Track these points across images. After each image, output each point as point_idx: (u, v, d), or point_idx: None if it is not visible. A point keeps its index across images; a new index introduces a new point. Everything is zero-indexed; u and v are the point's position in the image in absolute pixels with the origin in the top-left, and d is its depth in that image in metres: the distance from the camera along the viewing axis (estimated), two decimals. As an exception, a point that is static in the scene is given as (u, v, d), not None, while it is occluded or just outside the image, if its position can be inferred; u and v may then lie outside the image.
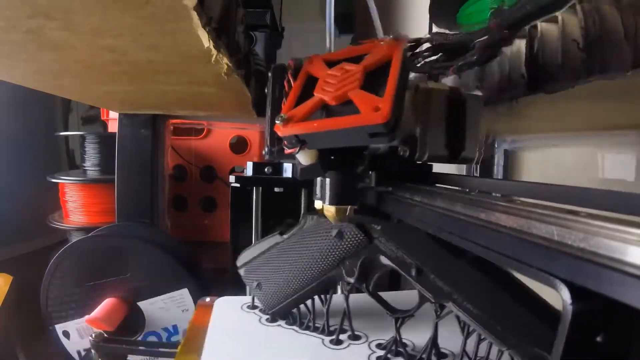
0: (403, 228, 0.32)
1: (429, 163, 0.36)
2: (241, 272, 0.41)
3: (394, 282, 0.54)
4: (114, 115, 0.85)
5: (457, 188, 0.32)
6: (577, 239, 0.16)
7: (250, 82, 0.51)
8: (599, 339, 0.17)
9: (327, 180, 0.33)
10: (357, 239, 0.34)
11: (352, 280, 0.35)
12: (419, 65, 0.35)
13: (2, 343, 0.74)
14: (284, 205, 0.59)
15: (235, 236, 0.61)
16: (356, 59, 0.29)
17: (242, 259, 0.42)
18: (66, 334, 0.68)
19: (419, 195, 0.29)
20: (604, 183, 0.48)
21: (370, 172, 0.35)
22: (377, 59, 0.28)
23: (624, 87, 0.29)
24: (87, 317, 0.62)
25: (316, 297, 0.39)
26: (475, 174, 0.65)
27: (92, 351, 0.55)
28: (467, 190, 0.32)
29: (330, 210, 0.33)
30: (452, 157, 0.33)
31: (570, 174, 0.53)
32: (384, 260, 0.33)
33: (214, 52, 0.32)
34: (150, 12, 0.26)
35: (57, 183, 0.86)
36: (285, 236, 0.39)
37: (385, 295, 0.36)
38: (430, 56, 0.35)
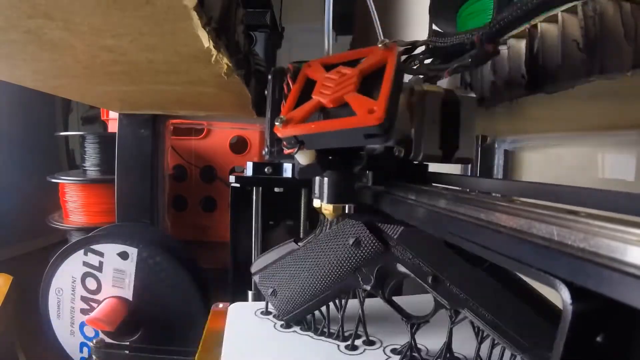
0: (419, 235, 0.32)
1: (424, 163, 0.36)
2: (256, 278, 0.42)
3: (398, 286, 0.54)
4: (114, 115, 0.85)
5: (454, 187, 0.33)
6: (577, 239, 0.16)
7: (250, 82, 0.51)
8: (599, 339, 0.17)
9: (325, 179, 0.34)
10: (374, 247, 0.34)
11: (368, 287, 0.35)
12: (415, 67, 0.35)
13: (2, 343, 0.74)
14: (284, 205, 0.59)
15: (235, 236, 0.61)
16: (353, 63, 0.30)
17: (256, 266, 0.42)
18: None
19: (415, 195, 0.30)
20: (604, 183, 0.48)
21: (367, 172, 0.35)
22: (372, 62, 0.29)
23: (624, 87, 0.29)
24: (87, 317, 0.62)
25: (331, 303, 0.39)
26: (475, 175, 0.65)
27: (93, 357, 0.55)
28: (467, 190, 0.32)
29: (328, 208, 0.34)
30: (446, 157, 0.34)
31: (570, 174, 0.53)
32: (400, 268, 0.33)
33: (214, 52, 0.32)
34: (150, 12, 0.26)
35: (57, 183, 0.86)
36: (300, 244, 0.39)
37: (399, 300, 0.36)
38: (426, 58, 0.35)
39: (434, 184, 0.36)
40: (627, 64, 0.28)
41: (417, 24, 0.92)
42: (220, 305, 0.46)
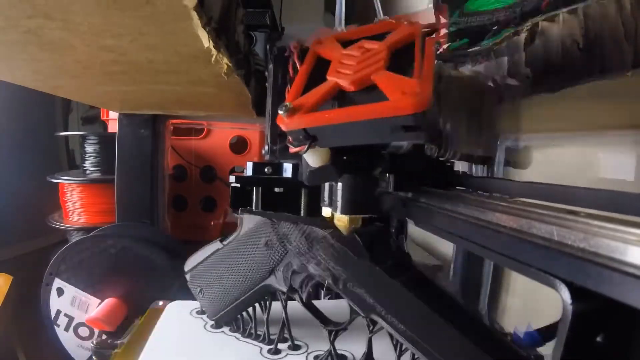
0: (336, 238, 0.30)
1: (447, 163, 0.32)
2: (187, 277, 0.41)
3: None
4: (114, 115, 0.85)
5: (488, 193, 0.29)
6: (577, 239, 0.16)
7: (250, 82, 0.51)
8: (599, 339, 0.17)
9: (339, 184, 0.28)
10: (283, 249, 0.33)
11: (284, 289, 0.33)
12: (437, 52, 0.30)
13: (2, 343, 0.74)
14: (284, 205, 0.59)
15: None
16: (378, 38, 0.24)
17: (188, 264, 0.41)
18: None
19: (446, 203, 0.25)
20: (604, 183, 0.48)
21: (387, 175, 0.29)
22: (402, 36, 0.23)
23: (624, 87, 0.29)
24: (87, 317, 0.62)
25: (259, 304, 0.38)
26: (480, 174, 0.65)
27: (93, 357, 0.55)
28: (502, 195, 0.28)
29: (342, 220, 0.28)
30: (471, 156, 0.29)
31: (570, 174, 0.53)
32: (312, 269, 0.31)
33: (214, 52, 0.32)
34: (150, 12, 0.26)
35: (57, 183, 0.86)
36: (224, 243, 0.38)
37: (328, 303, 0.35)
38: (447, 42, 0.31)
39: (457, 187, 0.31)
40: (627, 64, 0.28)
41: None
42: (160, 302, 0.45)
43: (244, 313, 0.38)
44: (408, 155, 0.29)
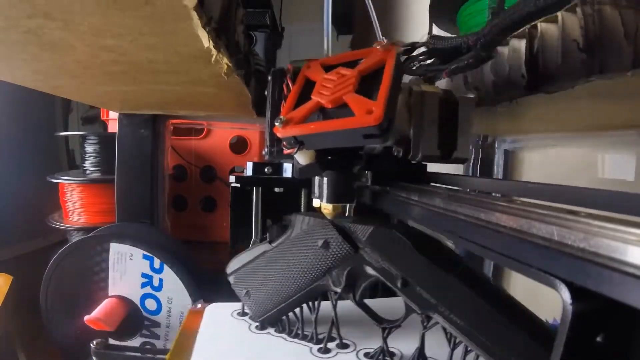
0: (389, 237, 0.31)
1: (422, 163, 0.37)
2: (231, 279, 0.41)
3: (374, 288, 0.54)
4: (114, 115, 0.85)
5: (453, 187, 0.33)
6: (577, 239, 0.16)
7: (250, 82, 0.51)
8: (599, 339, 0.17)
9: (325, 179, 0.34)
10: (342, 249, 0.34)
11: (338, 290, 0.34)
12: (414, 68, 0.36)
13: (2, 343, 0.74)
14: (284, 205, 0.59)
15: (235, 236, 0.61)
16: (352, 64, 0.30)
17: (231, 266, 0.41)
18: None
19: (414, 194, 0.30)
20: (604, 183, 0.48)
21: (366, 172, 0.36)
22: (371, 63, 0.29)
23: (624, 87, 0.29)
24: (87, 317, 0.62)
25: (305, 305, 0.38)
26: (475, 174, 0.65)
27: (94, 358, 0.55)
28: (466, 189, 0.32)
29: (327, 208, 0.34)
30: (445, 157, 0.34)
31: (570, 174, 0.53)
32: (369, 270, 0.33)
33: (214, 52, 0.32)
34: (150, 12, 0.26)
35: (57, 183, 0.86)
36: (273, 244, 0.38)
37: (375, 302, 0.36)
38: (425, 59, 0.36)
39: (432, 184, 0.36)
40: (627, 64, 0.28)
41: (417, 23, 0.92)
42: (199, 305, 0.45)
43: (290, 314, 0.39)
44: (382, 156, 0.35)
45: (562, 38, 0.31)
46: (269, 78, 0.34)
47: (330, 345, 0.37)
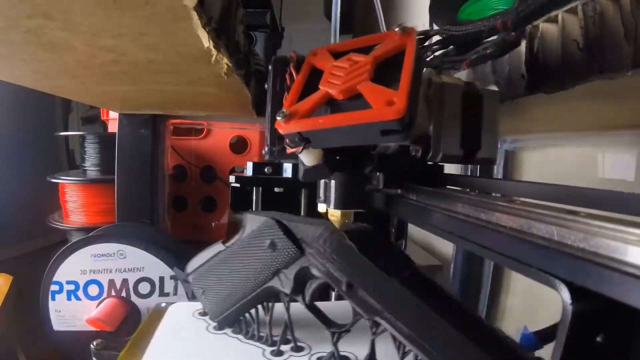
0: (337, 241, 0.30)
1: (440, 164, 0.34)
2: (189, 278, 0.41)
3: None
4: (114, 115, 0.85)
5: (467, 190, 0.31)
6: (577, 239, 0.16)
7: (250, 82, 0.51)
8: (599, 339, 0.17)
9: (333, 182, 0.31)
10: (289, 250, 0.32)
11: (287, 291, 0.33)
12: (428, 59, 0.32)
13: (2, 343, 0.74)
14: (284, 205, 0.59)
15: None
16: (364, 50, 0.27)
17: (191, 266, 0.41)
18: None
19: (433, 199, 0.27)
20: (604, 183, 0.48)
21: (377, 174, 0.32)
22: (388, 49, 0.25)
23: (624, 87, 0.29)
24: (87, 317, 0.62)
25: (262, 306, 0.37)
26: (475, 174, 0.65)
27: (94, 359, 0.55)
28: (490, 193, 0.31)
29: (335, 214, 0.31)
30: (468, 158, 0.31)
31: (570, 174, 0.53)
32: (316, 272, 0.31)
33: (214, 52, 0.32)
34: (150, 12, 0.26)
35: (57, 183, 0.86)
36: (226, 245, 0.37)
37: (329, 305, 0.34)
38: (439, 49, 0.32)
39: (448, 187, 0.33)
40: (627, 64, 0.28)
41: (417, 23, 0.91)
42: (163, 304, 0.45)
43: (247, 315, 0.38)
44: (396, 156, 0.32)
45: (562, 38, 0.31)
46: (270, 68, 0.31)
47: (284, 347, 0.36)
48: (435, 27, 0.51)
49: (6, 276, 0.75)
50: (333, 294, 0.48)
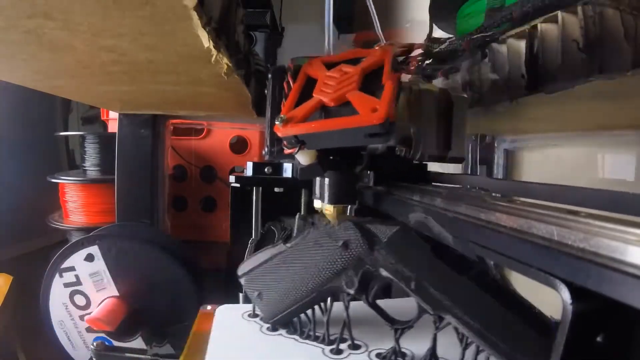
0: (410, 240, 0.31)
1: (423, 162, 0.37)
2: (242, 281, 0.41)
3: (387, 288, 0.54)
4: (114, 115, 0.85)
5: (456, 186, 0.33)
6: (577, 239, 0.16)
7: (250, 82, 0.51)
8: (599, 339, 0.17)
9: (326, 180, 0.33)
10: (360, 250, 0.33)
11: (352, 291, 0.34)
12: (412, 67, 0.36)
13: (2, 343, 0.74)
14: (284, 205, 0.59)
15: (235, 236, 0.61)
16: (354, 61, 0.30)
17: (242, 268, 0.41)
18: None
19: (417, 195, 0.29)
20: (604, 183, 0.48)
21: (368, 172, 0.35)
22: (372, 62, 0.29)
23: (624, 87, 0.29)
24: (87, 317, 0.62)
25: (317, 306, 0.38)
26: (475, 174, 0.65)
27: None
28: (468, 187, 0.33)
29: (329, 209, 0.33)
30: (441, 157, 0.34)
31: (570, 174, 0.53)
32: (383, 272, 0.33)
33: (214, 52, 0.32)
34: (150, 12, 0.26)
35: (57, 183, 0.86)
36: (288, 245, 0.38)
37: (385, 303, 0.36)
38: (423, 60, 0.36)
39: (434, 184, 0.36)
40: (627, 64, 0.28)
41: (418, 22, 0.92)
42: (209, 307, 0.46)
43: (302, 315, 0.39)
44: (385, 155, 0.35)
45: (562, 38, 0.31)
46: (269, 76, 0.34)
47: (343, 346, 0.37)
48: (435, 28, 0.51)
49: (6, 276, 0.75)
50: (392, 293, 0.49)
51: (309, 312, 0.39)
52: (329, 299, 0.37)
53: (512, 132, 0.62)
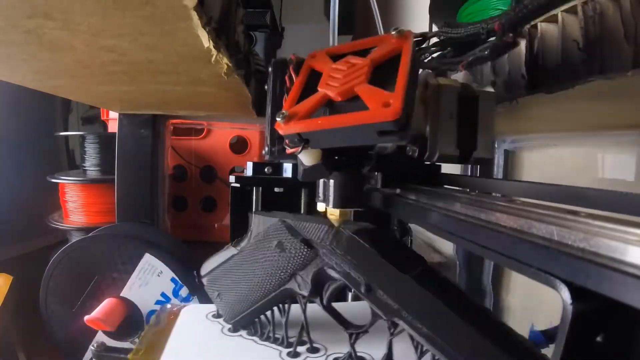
0: (350, 240, 0.30)
1: (437, 163, 0.34)
2: (204, 281, 0.41)
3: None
4: (114, 115, 0.85)
5: (467, 190, 0.31)
6: (577, 239, 0.16)
7: (250, 82, 0.51)
8: (599, 339, 0.17)
9: (331, 181, 0.31)
10: (299, 251, 0.32)
11: (305, 293, 0.33)
12: (425, 60, 0.33)
13: (2, 343, 0.74)
14: (284, 205, 0.59)
15: (235, 236, 0.61)
16: (362, 53, 0.27)
17: (205, 268, 0.41)
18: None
19: (429, 198, 0.27)
20: (604, 183, 0.48)
21: (376, 173, 0.33)
22: (385, 52, 0.26)
23: (624, 87, 0.29)
24: (87, 317, 0.62)
25: (277, 307, 0.37)
26: (475, 174, 0.65)
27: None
28: (487, 192, 0.31)
29: (334, 213, 0.31)
30: (464, 158, 0.31)
31: (570, 174, 0.53)
32: (333, 274, 0.31)
33: (214, 52, 0.32)
34: (150, 12, 0.26)
35: (57, 183, 0.86)
36: (238, 248, 0.37)
37: (346, 306, 0.35)
38: (437, 51, 0.33)
39: (446, 187, 0.34)
40: (627, 64, 0.28)
41: (418, 23, 0.92)
42: (176, 307, 0.45)
43: (261, 316, 0.38)
44: (394, 156, 0.32)
45: (562, 38, 0.31)
46: (269, 70, 0.31)
47: (301, 349, 0.36)
48: (435, 28, 0.51)
49: (6, 276, 0.75)
50: (349, 295, 0.48)
51: (269, 313, 0.38)
52: (286, 301, 0.36)
53: (512, 132, 0.62)
